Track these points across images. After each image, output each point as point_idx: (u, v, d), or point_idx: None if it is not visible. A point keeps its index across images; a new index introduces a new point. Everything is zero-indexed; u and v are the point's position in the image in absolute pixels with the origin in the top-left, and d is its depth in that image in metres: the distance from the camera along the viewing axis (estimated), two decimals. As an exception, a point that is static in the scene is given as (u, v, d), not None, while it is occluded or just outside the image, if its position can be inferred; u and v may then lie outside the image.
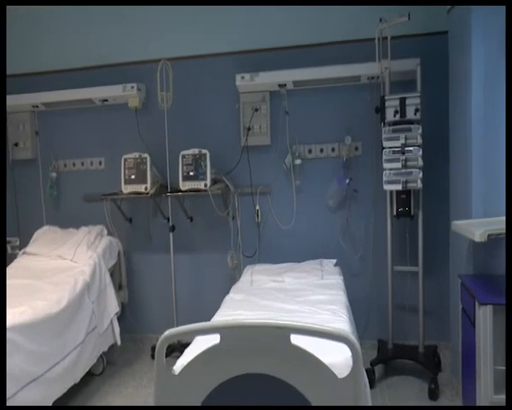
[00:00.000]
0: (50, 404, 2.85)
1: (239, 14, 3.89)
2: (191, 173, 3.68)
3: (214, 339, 1.64)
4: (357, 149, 3.78)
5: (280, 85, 3.74)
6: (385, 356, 3.45)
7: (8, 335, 2.61)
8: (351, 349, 1.53)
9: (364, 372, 1.94)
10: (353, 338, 1.54)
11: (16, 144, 4.44)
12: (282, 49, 3.83)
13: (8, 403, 2.53)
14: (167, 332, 1.66)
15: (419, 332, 3.39)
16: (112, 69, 4.16)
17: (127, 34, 4.14)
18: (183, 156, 3.70)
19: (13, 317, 2.76)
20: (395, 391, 3.19)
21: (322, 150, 3.84)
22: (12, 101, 4.27)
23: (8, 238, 4.22)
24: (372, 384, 3.13)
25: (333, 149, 3.82)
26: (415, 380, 3.32)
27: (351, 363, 1.54)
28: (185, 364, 1.66)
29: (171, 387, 1.68)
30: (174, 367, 1.74)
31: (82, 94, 4.08)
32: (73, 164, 4.37)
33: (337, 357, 1.72)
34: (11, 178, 4.48)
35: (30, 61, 4.42)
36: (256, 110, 3.82)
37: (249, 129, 3.82)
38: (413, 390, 3.19)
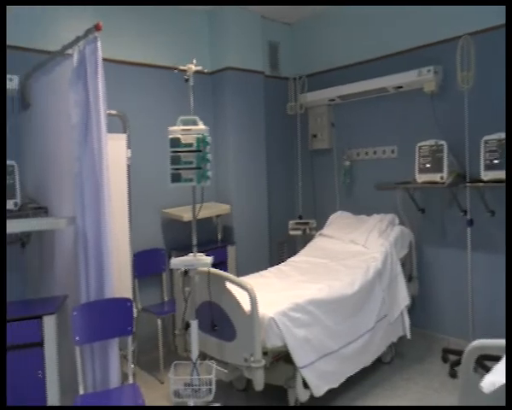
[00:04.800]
0: (343, 379, 3.01)
1: None
2: (495, 162, 3.26)
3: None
4: None
5: None
6: None
7: (308, 307, 2.90)
8: None
9: None
10: None
11: (315, 136, 4.85)
12: None
13: (308, 369, 2.77)
14: (477, 343, 1.48)
15: None
16: (405, 55, 4.06)
17: (418, 18, 3.96)
18: (486, 142, 3.31)
19: (312, 292, 3.04)
20: None
21: None
22: (312, 97, 4.73)
23: (306, 220, 4.65)
24: None
25: None
26: None
27: None
28: (497, 385, 1.45)
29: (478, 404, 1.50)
30: (482, 384, 1.54)
31: (377, 83, 4.12)
32: (366, 153, 4.48)
33: None
34: (309, 166, 4.94)
35: (326, 60, 4.75)
36: None
37: None
38: None
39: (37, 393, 2.60)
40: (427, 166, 3.65)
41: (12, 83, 3.16)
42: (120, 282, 3.06)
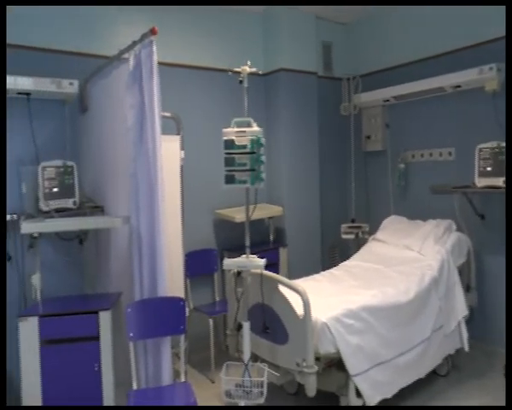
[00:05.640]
0: (396, 391, 2.91)
1: None
2: None
3: None
4: None
5: None
6: None
7: (361, 314, 2.82)
8: None
9: None
10: None
11: (368, 137, 4.75)
12: None
13: (361, 378, 2.70)
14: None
15: None
16: (464, 52, 3.89)
17: (479, 13, 3.77)
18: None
19: (365, 298, 2.96)
20: None
21: None
22: (366, 97, 4.65)
23: (359, 224, 4.55)
24: None
25: None
26: None
27: None
28: None
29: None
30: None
31: (434, 83, 3.97)
32: (421, 155, 4.33)
33: None
34: (363, 168, 4.85)
35: (380, 60, 4.64)
36: None
37: None
38: None
39: (94, 385, 2.69)
40: (488, 169, 3.47)
41: (72, 87, 3.27)
42: (172, 281, 3.10)
